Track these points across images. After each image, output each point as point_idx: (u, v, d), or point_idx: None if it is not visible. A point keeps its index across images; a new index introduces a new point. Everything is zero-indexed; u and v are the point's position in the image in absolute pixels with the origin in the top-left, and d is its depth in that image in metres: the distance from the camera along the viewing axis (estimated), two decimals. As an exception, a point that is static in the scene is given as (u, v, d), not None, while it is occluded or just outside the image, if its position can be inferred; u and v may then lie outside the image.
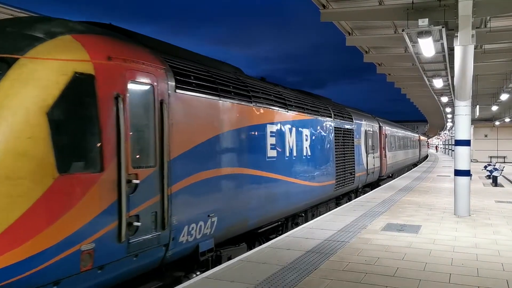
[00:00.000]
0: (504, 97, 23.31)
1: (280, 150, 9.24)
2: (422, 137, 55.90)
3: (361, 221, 10.11)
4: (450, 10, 10.80)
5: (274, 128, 9.04)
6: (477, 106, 28.69)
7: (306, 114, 10.95)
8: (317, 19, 12.75)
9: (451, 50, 11.88)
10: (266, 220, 8.87)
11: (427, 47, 11.36)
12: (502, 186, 18.85)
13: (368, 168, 17.74)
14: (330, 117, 13.06)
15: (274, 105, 9.14)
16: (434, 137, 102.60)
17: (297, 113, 10.33)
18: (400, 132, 29.93)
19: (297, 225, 10.61)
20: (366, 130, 17.63)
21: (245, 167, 7.81)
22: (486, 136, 43.64)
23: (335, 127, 13.40)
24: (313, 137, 11.36)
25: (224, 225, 7.10)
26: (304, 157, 10.65)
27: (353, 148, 15.38)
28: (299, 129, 10.41)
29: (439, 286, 5.65)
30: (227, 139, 7.31)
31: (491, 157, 42.05)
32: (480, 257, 7.07)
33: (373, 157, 18.89)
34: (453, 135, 22.05)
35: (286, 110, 9.70)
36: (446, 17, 10.90)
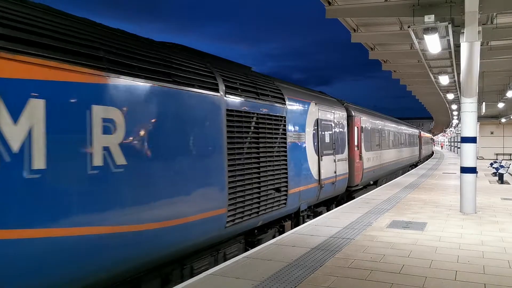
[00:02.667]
0: (510, 94, 23.10)
1: None
2: (424, 133, 49.51)
3: (366, 218, 10.10)
4: (456, 6, 10.75)
5: None
6: (483, 103, 28.52)
7: (114, 75, 5.09)
8: (322, 16, 12.72)
9: (457, 46, 11.82)
10: None
11: (433, 44, 11.30)
12: (508, 183, 18.75)
13: (323, 177, 11.69)
14: (215, 90, 7.00)
15: None
16: (439, 134, 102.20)
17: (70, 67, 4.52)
18: (389, 126, 23.86)
19: None
20: (319, 120, 11.58)
21: None
22: (492, 133, 43.35)
23: (228, 110, 7.34)
24: (148, 126, 5.60)
25: None
26: (108, 171, 4.96)
27: (285, 147, 9.43)
28: (88, 106, 4.73)
29: (445, 283, 5.65)
30: None
31: (497, 154, 41.80)
32: (486, 254, 7.05)
33: (334, 160, 12.85)
34: (459, 132, 21.93)
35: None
36: (452, 13, 10.84)
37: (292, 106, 10.03)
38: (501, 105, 29.67)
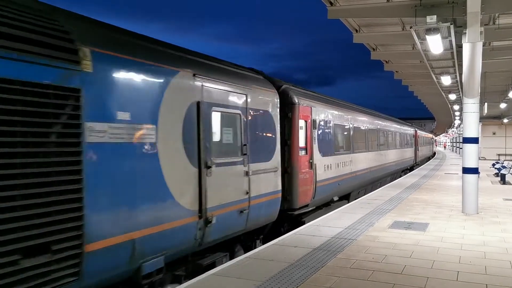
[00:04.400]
0: (512, 94, 23.13)
1: None
2: (422, 133, 43.56)
3: (368, 218, 10.10)
4: (458, 7, 10.75)
5: None
6: (485, 104, 28.47)
7: None
8: (324, 16, 12.73)
9: (459, 47, 11.81)
10: None
11: (435, 44, 11.31)
12: (510, 184, 18.71)
13: (213, 205, 6.75)
14: None
15: None
16: (441, 135, 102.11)
17: None
18: (367, 121, 18.04)
19: None
20: (202, 104, 6.65)
21: None
22: (494, 133, 43.25)
23: None
24: None
25: None
26: None
27: (77, 152, 4.59)
28: None
29: (447, 283, 5.65)
30: None
31: (499, 154, 41.72)
32: (488, 255, 7.05)
33: (247, 173, 7.83)
34: (461, 132, 21.84)
35: None
36: (454, 14, 10.84)
37: (113, 71, 5.15)
38: (503, 105, 29.66)
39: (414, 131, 34.67)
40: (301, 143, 10.49)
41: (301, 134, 10.53)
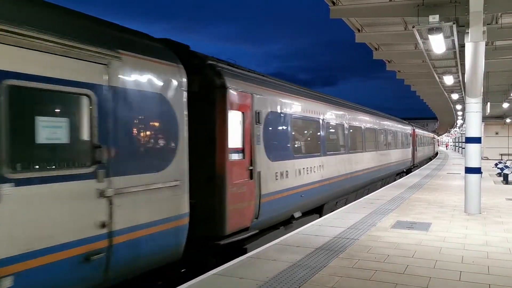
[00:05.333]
0: (515, 94, 23.08)
1: None
2: (422, 132, 40.12)
3: (371, 218, 10.10)
4: (461, 6, 10.72)
5: None
6: (488, 103, 28.39)
7: None
8: (327, 16, 12.73)
9: (462, 46, 11.78)
10: None
11: (437, 44, 11.27)
12: (513, 184, 18.67)
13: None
14: None
15: None
16: (444, 134, 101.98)
17: None
18: (345, 116, 14.49)
19: None
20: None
21: None
22: (497, 133, 43.15)
23: None
24: None
25: None
26: None
27: None
28: None
29: (449, 283, 5.64)
30: None
31: (502, 154, 41.62)
32: (491, 255, 7.04)
33: (101, 194, 4.70)
34: (464, 132, 21.82)
35: None
36: (457, 13, 10.81)
37: None
38: (506, 105, 29.57)
39: (411, 129, 30.67)
40: (234, 143, 7.68)
41: (235, 131, 7.73)
